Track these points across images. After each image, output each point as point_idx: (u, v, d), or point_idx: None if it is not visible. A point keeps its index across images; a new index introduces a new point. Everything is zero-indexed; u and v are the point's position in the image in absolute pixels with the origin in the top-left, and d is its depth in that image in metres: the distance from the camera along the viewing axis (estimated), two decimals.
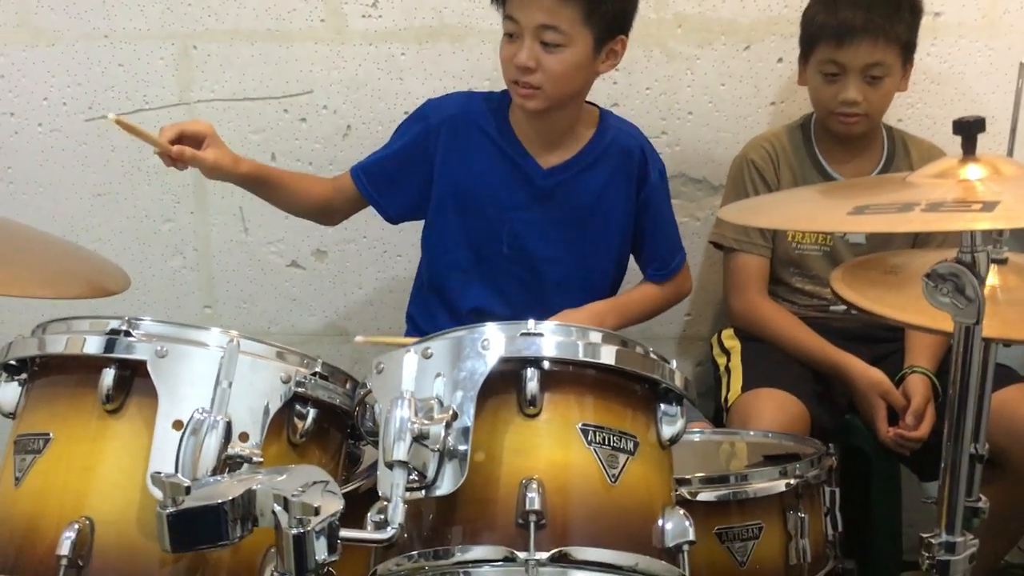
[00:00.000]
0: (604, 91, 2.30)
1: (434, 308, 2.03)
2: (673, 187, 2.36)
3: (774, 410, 1.91)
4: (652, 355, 1.31)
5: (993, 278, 1.49)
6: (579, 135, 1.97)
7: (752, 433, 1.84)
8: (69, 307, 1.49)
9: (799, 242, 2.11)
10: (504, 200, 1.96)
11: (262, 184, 1.94)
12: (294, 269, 2.45)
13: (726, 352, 2.15)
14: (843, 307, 1.56)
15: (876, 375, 1.97)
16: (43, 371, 1.32)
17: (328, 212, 2.08)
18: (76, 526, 1.18)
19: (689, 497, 1.51)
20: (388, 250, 2.41)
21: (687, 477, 1.53)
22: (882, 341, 2.09)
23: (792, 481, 1.57)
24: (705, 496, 1.54)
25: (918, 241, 2.04)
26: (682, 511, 1.25)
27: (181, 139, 1.77)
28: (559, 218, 1.97)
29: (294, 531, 1.02)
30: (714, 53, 2.30)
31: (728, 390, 2.06)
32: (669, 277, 2.08)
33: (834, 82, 2.00)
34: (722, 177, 2.28)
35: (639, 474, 1.24)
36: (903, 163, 2.10)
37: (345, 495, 1.42)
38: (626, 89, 2.32)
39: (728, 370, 2.10)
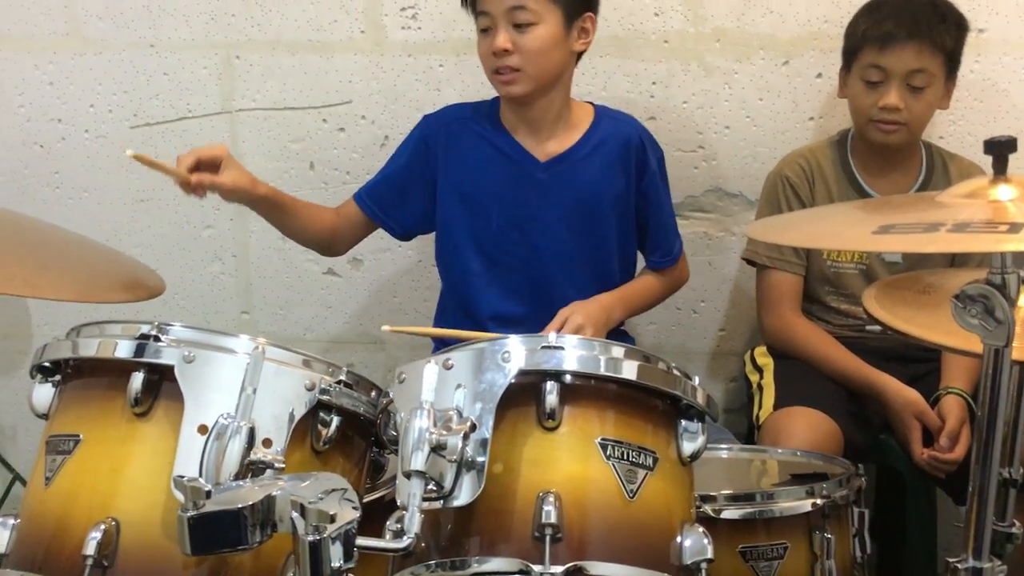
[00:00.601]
0: (641, 104, 2.30)
1: (458, 318, 2.05)
2: (708, 201, 2.36)
3: (806, 429, 1.90)
4: (675, 371, 1.31)
5: None
6: (574, 127, 2.00)
7: (780, 451, 1.82)
8: (111, 311, 1.53)
9: (834, 260, 2.09)
10: (506, 197, 1.99)
11: (276, 208, 1.96)
12: (330, 277, 2.48)
13: (759, 369, 2.14)
14: (879, 327, 1.55)
15: (911, 395, 1.94)
16: (76, 373, 1.34)
17: (334, 241, 2.10)
18: (102, 526, 1.20)
19: (713, 514, 1.50)
20: (423, 259, 2.43)
21: (712, 494, 1.53)
22: (919, 361, 2.06)
23: (819, 501, 1.55)
24: (730, 514, 1.52)
25: (956, 260, 2.00)
26: (701, 528, 1.25)
27: (198, 166, 1.78)
28: (561, 210, 1.99)
29: (310, 538, 1.03)
30: (752, 68, 2.29)
31: (760, 407, 2.04)
32: (671, 265, 2.09)
33: (876, 89, 1.99)
34: (758, 192, 2.26)
35: (658, 490, 1.24)
36: (942, 180, 2.07)
37: (369, 503, 1.47)
38: (663, 103, 2.32)
39: (760, 387, 2.08)
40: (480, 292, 2.04)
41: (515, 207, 2.00)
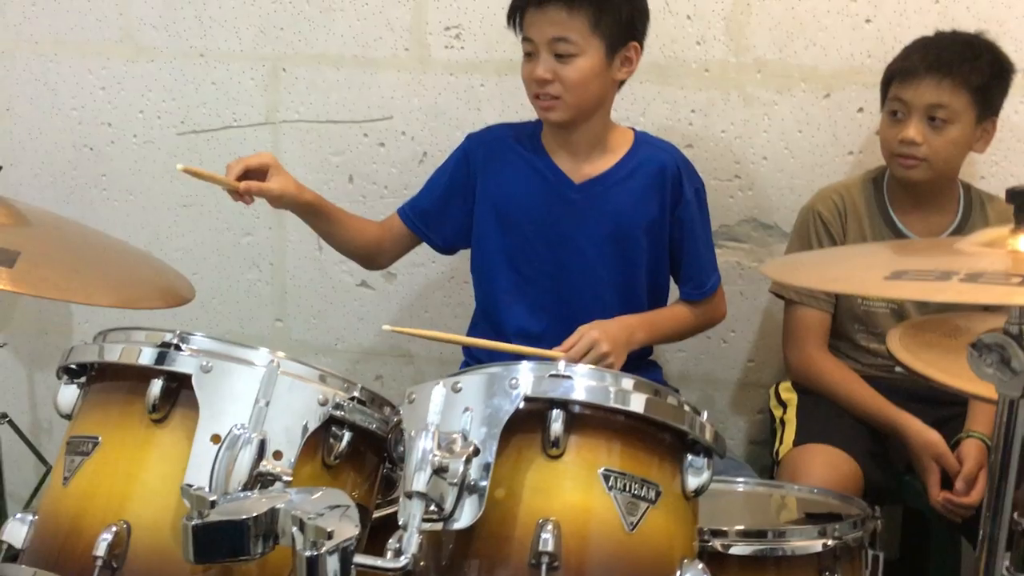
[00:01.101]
0: (678, 131, 2.31)
1: (486, 332, 2.06)
2: (743, 231, 2.35)
3: (824, 466, 1.88)
4: (685, 406, 1.31)
5: None
6: (613, 151, 2.02)
7: (797, 488, 1.81)
8: (150, 315, 1.57)
9: (865, 299, 2.07)
10: (539, 216, 2.01)
11: (322, 216, 2.00)
12: (364, 289, 2.51)
13: (783, 404, 2.12)
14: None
15: (931, 436, 1.92)
16: (99, 377, 1.38)
17: (377, 253, 2.13)
18: (114, 528, 1.24)
19: (722, 550, 1.49)
20: (455, 276, 2.45)
21: (724, 529, 1.52)
22: (947, 404, 2.02)
23: (830, 542, 1.54)
24: (739, 550, 1.52)
25: (990, 305, 1.98)
26: (700, 565, 1.25)
27: (247, 174, 1.84)
28: (593, 232, 2.00)
29: (307, 553, 1.05)
30: (793, 99, 2.28)
31: (781, 443, 2.03)
32: (703, 298, 2.09)
33: (898, 122, 1.98)
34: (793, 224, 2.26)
35: (659, 524, 1.24)
36: (980, 221, 2.05)
37: (380, 518, 1.49)
38: (701, 131, 2.32)
39: (783, 423, 2.07)
40: (507, 307, 2.06)
41: (547, 226, 2.02)
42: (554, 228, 2.02)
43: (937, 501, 1.89)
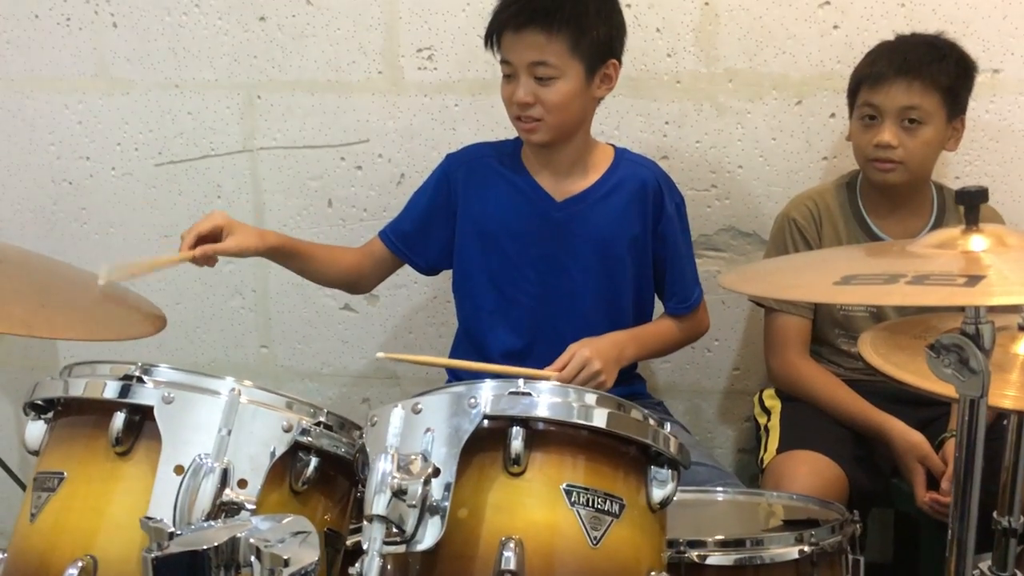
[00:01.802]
0: (653, 143, 2.32)
1: (469, 353, 2.06)
2: (722, 240, 2.36)
3: (807, 473, 1.88)
4: (649, 419, 1.31)
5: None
6: (593, 168, 2.02)
7: (776, 495, 1.80)
8: (133, 346, 1.57)
9: (843, 303, 2.07)
10: (521, 235, 2.01)
11: (292, 257, 1.99)
12: (347, 312, 2.52)
13: (767, 411, 2.12)
14: None
15: (915, 438, 1.91)
16: (65, 412, 1.39)
17: (359, 280, 2.13)
18: (80, 563, 1.24)
19: (698, 560, 1.49)
20: (438, 295, 2.46)
21: (703, 539, 1.51)
22: (930, 405, 2.01)
23: (807, 548, 1.52)
24: (716, 560, 1.51)
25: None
26: None
27: (200, 240, 1.82)
28: (576, 250, 2.00)
29: None
30: (765, 107, 2.29)
31: (765, 451, 2.03)
32: (688, 312, 2.09)
33: (871, 127, 1.99)
34: None
35: (624, 537, 1.24)
36: (953, 221, 2.04)
37: (357, 542, 1.48)
38: (676, 142, 2.32)
39: (767, 430, 2.07)
40: (491, 328, 2.06)
41: (530, 245, 2.02)
42: (537, 247, 2.01)
43: (924, 502, 1.89)
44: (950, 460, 1.87)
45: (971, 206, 1.19)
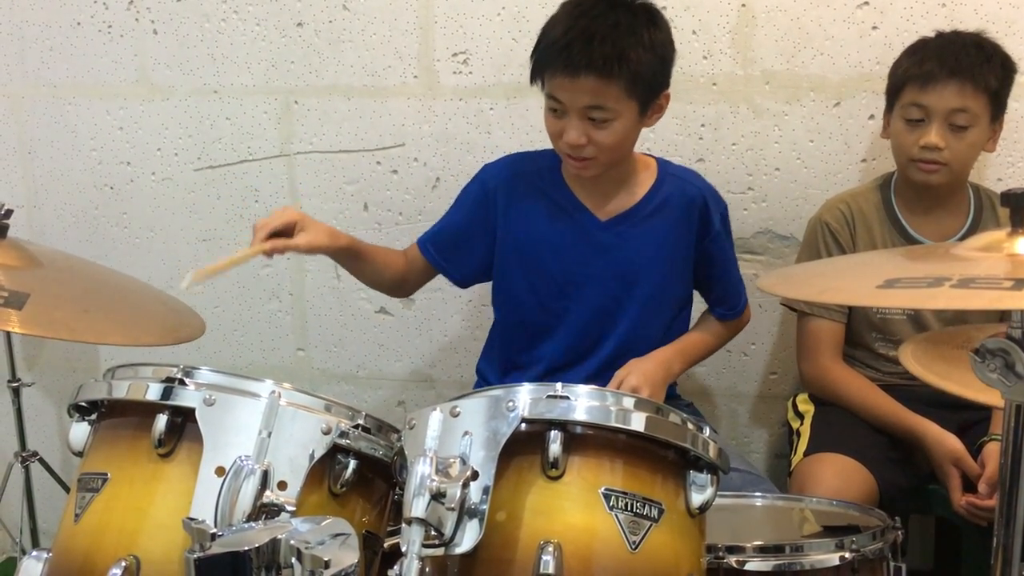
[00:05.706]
0: (690, 146, 2.31)
1: (503, 361, 2.06)
2: (759, 243, 2.34)
3: (834, 476, 1.86)
4: (688, 423, 1.30)
5: None
6: (637, 186, 1.98)
7: (815, 500, 1.78)
8: (172, 350, 1.58)
9: (880, 306, 2.05)
10: (565, 255, 1.97)
11: (356, 257, 1.98)
12: (383, 315, 2.53)
13: (800, 416, 2.10)
14: None
15: (950, 441, 1.89)
16: (109, 413, 1.40)
17: (403, 284, 2.11)
18: (123, 563, 1.25)
19: (736, 566, 1.48)
20: (473, 299, 2.46)
21: (740, 545, 1.50)
22: (970, 408, 1.98)
23: (847, 555, 1.51)
24: (755, 566, 1.49)
25: (1005, 314, 1.95)
26: None
27: (274, 236, 1.78)
28: (619, 270, 1.96)
29: None
30: (803, 109, 2.27)
31: (795, 454, 2.01)
32: (736, 317, 2.09)
33: (917, 127, 1.96)
34: None
35: (663, 542, 1.23)
36: (991, 223, 2.02)
37: (395, 545, 1.49)
38: (712, 145, 2.31)
39: (799, 434, 2.05)
40: (532, 343, 2.04)
41: (572, 264, 1.98)
42: (579, 265, 1.98)
43: (960, 505, 1.87)
44: (988, 462, 1.85)
45: (1017, 208, 1.17)
